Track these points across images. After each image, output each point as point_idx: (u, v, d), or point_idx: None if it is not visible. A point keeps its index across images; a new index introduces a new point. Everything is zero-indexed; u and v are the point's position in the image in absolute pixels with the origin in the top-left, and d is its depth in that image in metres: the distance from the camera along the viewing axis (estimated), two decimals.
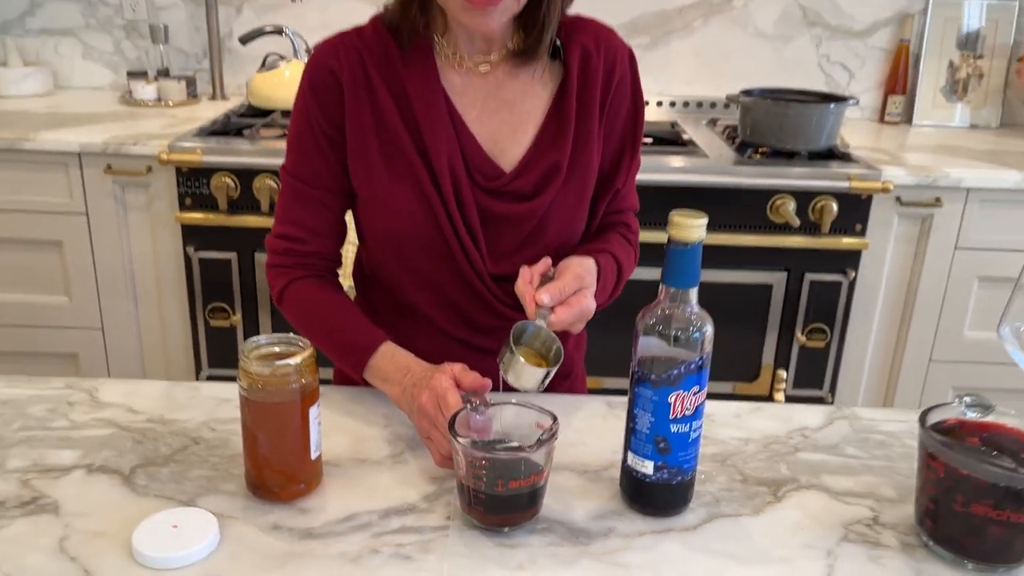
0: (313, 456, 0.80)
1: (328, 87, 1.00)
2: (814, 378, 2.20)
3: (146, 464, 0.85)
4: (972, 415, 0.78)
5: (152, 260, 2.16)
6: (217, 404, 0.96)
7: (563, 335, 0.90)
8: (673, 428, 0.76)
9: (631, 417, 0.79)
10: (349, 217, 1.10)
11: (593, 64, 1.03)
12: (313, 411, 0.79)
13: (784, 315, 2.14)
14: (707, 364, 0.77)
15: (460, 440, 0.75)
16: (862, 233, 2.07)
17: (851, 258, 2.09)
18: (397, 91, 0.99)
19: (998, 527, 0.72)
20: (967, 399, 0.78)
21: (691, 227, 0.73)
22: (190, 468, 0.85)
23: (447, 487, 0.83)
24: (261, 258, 2.09)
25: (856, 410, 1.00)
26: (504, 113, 1.03)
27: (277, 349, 0.79)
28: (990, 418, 0.78)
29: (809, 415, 0.99)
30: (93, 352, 2.24)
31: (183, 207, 2.06)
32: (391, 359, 0.95)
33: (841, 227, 2.06)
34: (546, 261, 0.95)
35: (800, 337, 2.14)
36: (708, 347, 0.76)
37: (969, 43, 2.54)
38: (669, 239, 0.74)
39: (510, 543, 0.76)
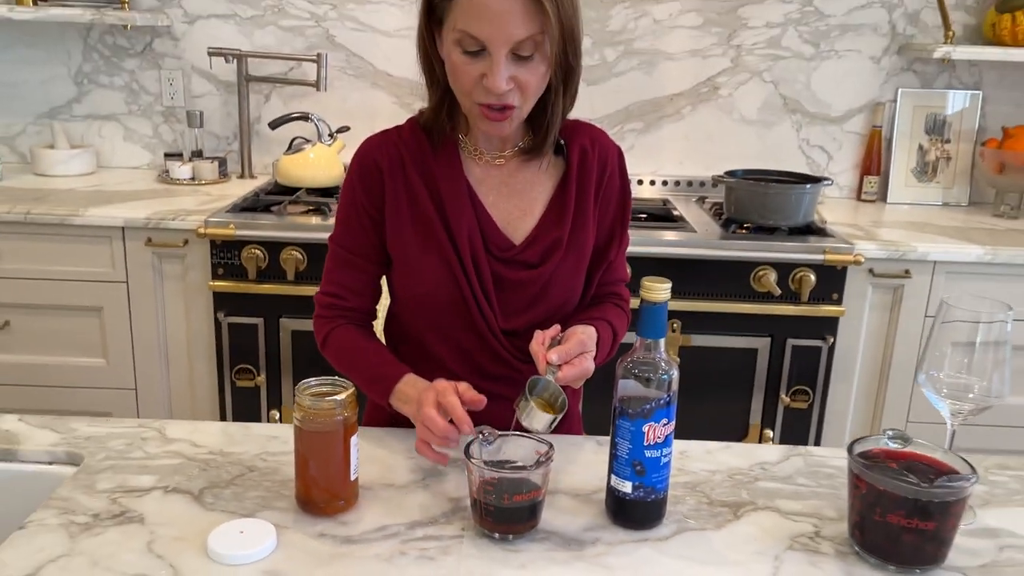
0: (352, 478, 0.98)
1: (371, 175, 1.21)
2: (799, 437, 2.35)
3: (212, 486, 1.02)
4: (893, 445, 0.95)
5: (184, 325, 2.35)
6: (267, 440, 1.14)
7: (566, 388, 1.08)
8: (647, 453, 0.94)
9: (613, 445, 0.96)
10: (383, 280, 1.30)
11: (589, 160, 1.24)
12: (353, 440, 0.97)
13: (769, 378, 2.30)
14: (674, 400, 0.94)
15: (473, 461, 0.92)
16: (839, 302, 2.25)
17: (829, 325, 2.27)
18: (428, 179, 1.20)
19: (910, 534, 0.88)
20: (889, 432, 0.95)
21: (659, 290, 0.91)
22: (248, 490, 1.02)
23: (462, 505, 1.00)
24: (286, 323, 2.28)
25: (810, 448, 1.17)
26: (516, 198, 1.23)
27: (325, 389, 0.97)
28: (909, 448, 0.95)
29: (769, 452, 1.16)
30: (125, 411, 2.41)
31: (215, 276, 2.25)
32: (412, 385, 1.14)
33: (819, 296, 2.24)
34: (556, 327, 1.13)
35: (784, 398, 2.30)
36: (674, 386, 0.94)
37: (936, 128, 2.76)
38: (641, 300, 0.93)
39: (514, 548, 0.93)
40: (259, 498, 1.00)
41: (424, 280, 1.20)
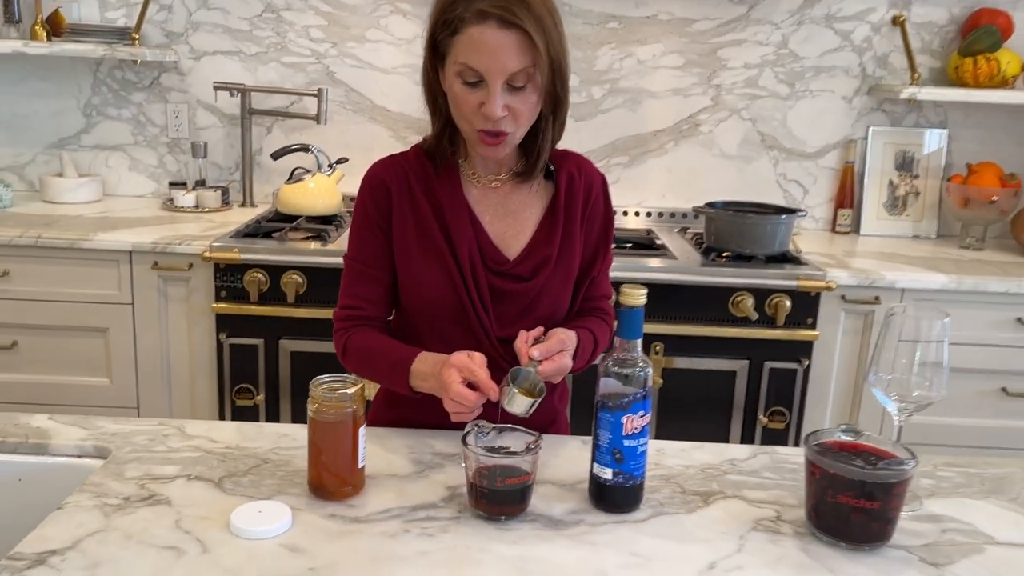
0: (360, 465, 1.08)
1: (381, 193, 1.33)
2: None
3: (231, 475, 1.12)
4: (845, 437, 1.06)
5: (187, 345, 2.44)
6: (279, 437, 1.24)
7: (547, 384, 1.19)
8: (626, 442, 1.04)
9: (595, 436, 1.07)
10: None
11: (576, 186, 1.37)
12: (361, 431, 1.07)
13: (747, 399, 2.41)
14: (650, 395, 1.05)
15: (471, 449, 1.03)
16: (813, 326, 2.37)
17: (804, 348, 2.38)
18: (432, 199, 1.32)
19: (857, 513, 0.99)
20: (842, 427, 1.07)
21: (636, 295, 1.03)
22: (264, 478, 1.12)
23: (458, 493, 1.10)
24: (285, 344, 2.38)
25: (775, 448, 1.28)
26: (510, 218, 1.36)
27: (336, 384, 1.08)
28: (859, 440, 1.06)
29: (738, 451, 1.27)
30: None
31: (218, 299, 2.36)
32: (424, 361, 1.24)
33: (794, 320, 2.36)
34: (539, 328, 1.25)
35: (762, 419, 2.41)
36: (649, 382, 1.05)
37: (906, 165, 2.91)
38: (620, 304, 1.04)
39: (506, 528, 1.03)
40: (274, 485, 1.10)
41: (428, 289, 1.31)
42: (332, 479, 1.07)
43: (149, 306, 2.41)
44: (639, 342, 1.05)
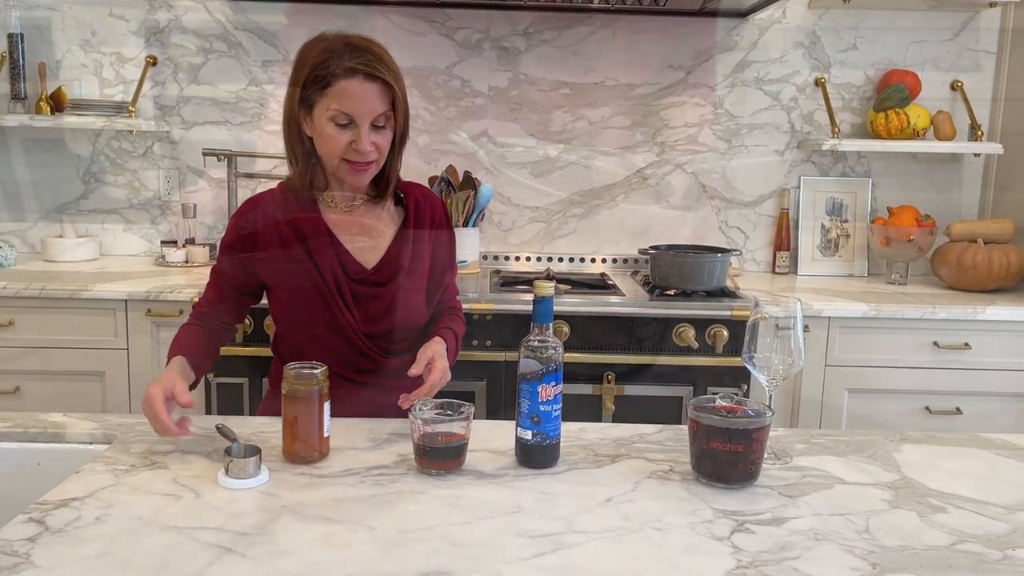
0: (325, 434, 1.31)
1: (244, 227, 1.62)
2: None
3: (218, 450, 1.34)
4: (723, 402, 1.30)
5: None
6: (259, 425, 1.47)
7: None
8: (542, 408, 1.28)
9: (518, 404, 1.30)
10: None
11: (422, 209, 1.68)
12: (326, 406, 1.30)
13: None
14: (560, 368, 1.29)
15: (417, 415, 1.26)
16: None
17: (743, 373, 2.61)
18: (293, 225, 1.61)
19: (726, 455, 1.22)
20: (719, 392, 1.30)
21: (546, 288, 1.28)
22: None
23: (406, 459, 1.33)
24: (267, 382, 2.59)
25: (680, 426, 1.51)
26: (365, 236, 1.65)
27: (305, 369, 1.31)
28: (734, 404, 1.30)
29: (647, 428, 1.50)
30: None
31: None
32: (168, 368, 1.50)
33: (732, 349, 2.60)
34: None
35: None
36: (560, 359, 1.29)
37: (835, 210, 3.20)
38: (535, 295, 1.29)
39: (445, 478, 1.26)
40: None
41: (299, 301, 1.60)
42: (303, 445, 1.29)
43: (143, 350, 2.63)
44: (550, 326, 1.30)
